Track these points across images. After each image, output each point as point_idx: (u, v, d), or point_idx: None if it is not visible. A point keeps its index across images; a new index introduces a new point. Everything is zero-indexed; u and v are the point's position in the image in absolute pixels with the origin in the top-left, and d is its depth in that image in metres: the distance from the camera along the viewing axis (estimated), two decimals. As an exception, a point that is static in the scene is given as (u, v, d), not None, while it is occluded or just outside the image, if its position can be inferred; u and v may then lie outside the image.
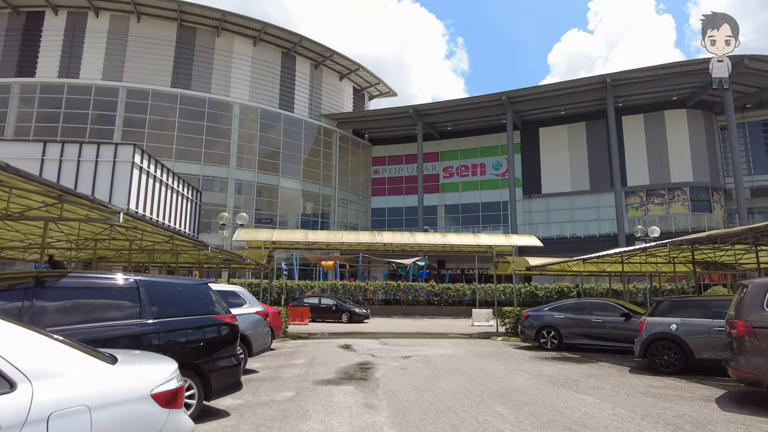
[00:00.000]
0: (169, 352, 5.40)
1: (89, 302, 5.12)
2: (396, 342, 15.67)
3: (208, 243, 9.90)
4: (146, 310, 5.43)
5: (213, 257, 15.05)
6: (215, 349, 6.00)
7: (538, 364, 10.98)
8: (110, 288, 5.38)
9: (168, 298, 5.79)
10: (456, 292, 31.57)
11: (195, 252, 11.67)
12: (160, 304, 5.63)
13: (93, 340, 4.85)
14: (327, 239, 18.14)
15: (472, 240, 18.63)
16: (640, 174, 48.45)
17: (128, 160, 30.61)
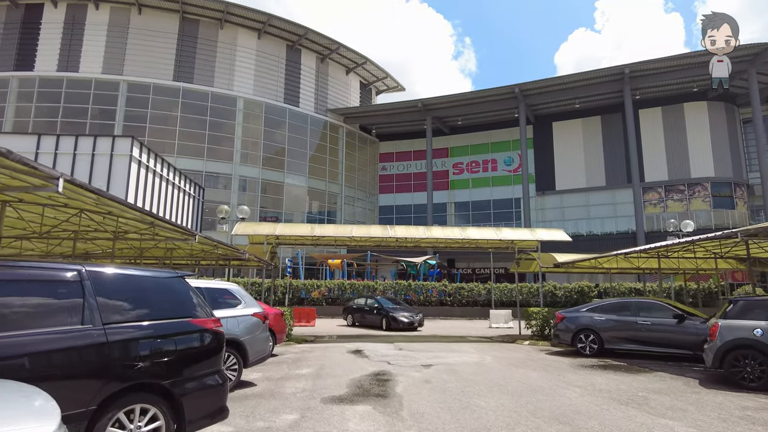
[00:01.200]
0: (125, 369, 3.89)
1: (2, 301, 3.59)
2: (412, 347, 14.10)
3: (194, 231, 8.40)
4: (92, 312, 3.90)
5: (209, 252, 13.55)
6: (192, 365, 4.46)
7: (584, 374, 9.37)
8: (38, 281, 3.84)
9: (127, 297, 4.25)
10: (470, 292, 29.93)
11: (183, 243, 10.20)
12: (115, 305, 4.09)
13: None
14: (335, 233, 16.61)
15: (494, 234, 17.02)
16: (658, 169, 46.57)
17: (126, 154, 29.28)
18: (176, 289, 4.67)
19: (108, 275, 4.26)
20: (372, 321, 20.65)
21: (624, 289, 30.92)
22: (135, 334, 4.07)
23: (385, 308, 20.58)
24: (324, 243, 18.63)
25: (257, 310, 8.28)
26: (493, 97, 47.55)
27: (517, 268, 19.20)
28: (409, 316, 20.21)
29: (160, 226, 7.88)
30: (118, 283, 4.31)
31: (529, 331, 16.73)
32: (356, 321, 21.73)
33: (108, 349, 3.85)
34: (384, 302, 21.61)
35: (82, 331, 3.79)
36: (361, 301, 22.46)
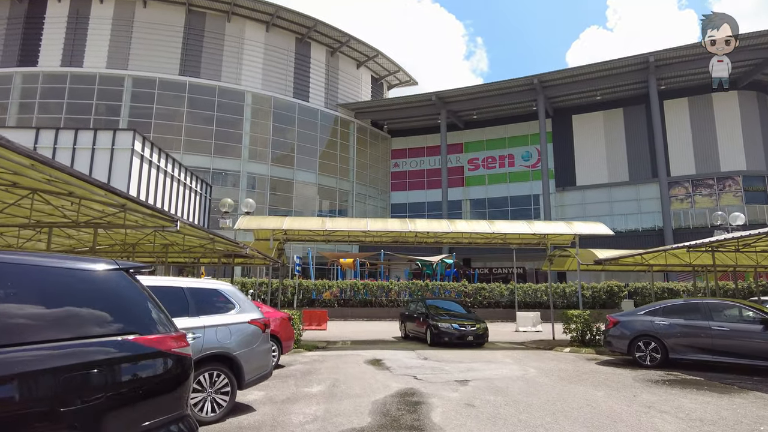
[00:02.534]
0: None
1: None
2: (438, 355, 12.34)
3: (176, 216, 6.76)
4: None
5: (207, 247, 11.92)
6: (132, 412, 2.77)
7: (661, 393, 7.55)
8: None
9: (16, 300, 2.57)
10: (491, 292, 28.06)
11: (175, 235, 8.64)
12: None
13: None
14: (348, 227, 14.91)
15: (526, 228, 15.20)
16: (685, 163, 44.30)
17: (127, 148, 27.84)
18: (112, 290, 2.98)
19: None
20: (418, 332, 15.88)
21: (656, 288, 28.87)
22: (25, 367, 2.38)
23: (430, 314, 15.27)
24: (336, 239, 16.96)
25: (255, 316, 6.59)
26: (511, 89, 45.58)
27: (550, 266, 17.34)
28: (462, 325, 14.54)
29: (133, 210, 6.26)
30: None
31: (567, 336, 14.88)
32: (408, 332, 16.82)
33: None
34: (439, 305, 16.82)
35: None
36: (412, 306, 17.53)
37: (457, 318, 15.15)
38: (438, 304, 16.78)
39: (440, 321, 14.67)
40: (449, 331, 14.35)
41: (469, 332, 14.49)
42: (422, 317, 15.47)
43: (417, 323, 15.81)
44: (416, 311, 16.36)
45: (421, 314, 15.67)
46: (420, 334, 15.49)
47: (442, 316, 15.18)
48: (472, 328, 14.56)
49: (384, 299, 27.49)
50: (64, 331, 2.59)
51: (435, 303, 16.87)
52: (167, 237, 10.69)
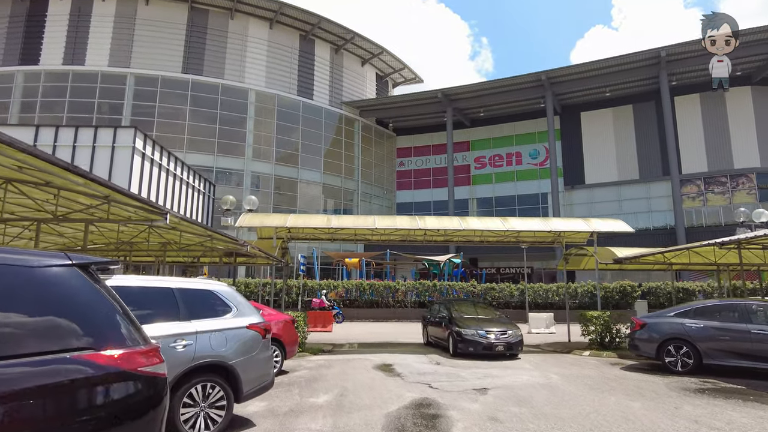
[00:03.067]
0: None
1: None
2: (451, 360, 11.62)
3: (165, 209, 6.09)
4: None
5: (204, 245, 11.25)
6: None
7: (705, 405, 6.81)
8: None
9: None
10: (501, 292, 27.31)
11: (171, 232, 7.99)
12: None
13: None
14: (355, 224, 14.21)
15: (542, 225, 14.47)
16: (696, 160, 43.36)
17: (128, 145, 27.27)
18: (60, 292, 2.30)
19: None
20: (440, 338, 13.79)
21: (670, 288, 28.01)
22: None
23: (453, 318, 13.05)
24: (342, 237, 16.29)
25: (255, 321, 5.90)
26: (519, 86, 44.78)
27: (566, 265, 16.58)
28: (490, 332, 12.17)
29: (119, 202, 5.60)
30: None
31: (584, 339, 14.13)
32: (431, 338, 14.80)
33: None
34: (465, 307, 14.53)
35: None
36: (434, 308, 15.36)
37: (485, 323, 12.82)
38: (463, 307, 14.57)
39: (464, 327, 12.39)
40: (475, 339, 12.04)
41: (500, 341, 12.11)
42: (444, 322, 13.31)
43: (439, 328, 13.67)
44: (438, 314, 14.24)
45: (443, 318, 13.54)
46: (442, 341, 13.48)
47: (467, 320, 12.91)
48: (502, 336, 12.19)
49: (391, 300, 26.81)
50: None
51: (460, 305, 14.82)
52: (164, 235, 10.04)
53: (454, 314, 13.40)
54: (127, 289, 4.90)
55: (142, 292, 5.02)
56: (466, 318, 13.17)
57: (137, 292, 4.98)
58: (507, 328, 12.57)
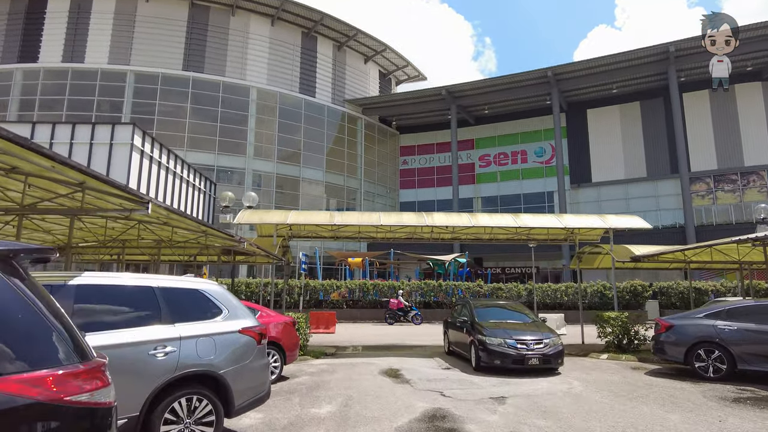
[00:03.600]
0: None
1: None
2: (465, 366, 10.93)
3: (146, 197, 5.41)
4: None
5: (197, 241, 10.58)
6: None
7: (754, 418, 6.10)
8: None
9: None
10: (508, 292, 26.58)
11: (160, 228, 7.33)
12: None
13: None
14: (359, 221, 13.52)
15: (555, 222, 13.76)
16: (706, 158, 42.53)
17: (126, 142, 26.67)
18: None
19: None
20: (461, 347, 11.38)
21: (682, 288, 27.29)
22: None
23: (476, 323, 10.60)
24: (345, 235, 15.61)
25: (248, 324, 5.23)
26: (524, 82, 44.03)
27: (579, 263, 15.86)
28: (522, 341, 9.76)
29: (94, 188, 4.92)
30: None
31: (600, 341, 13.42)
32: (452, 345, 12.37)
33: None
34: (491, 309, 11.90)
35: None
36: (457, 310, 12.86)
37: (516, 328, 10.31)
38: (490, 308, 11.82)
39: (489, 334, 9.87)
40: (502, 351, 9.54)
41: (534, 352, 9.55)
42: (466, 327, 10.85)
43: (461, 334, 11.24)
44: (461, 317, 11.65)
45: (465, 323, 11.08)
46: (464, 350, 11.02)
47: (493, 325, 10.32)
48: (537, 345, 9.65)
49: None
50: None
51: (486, 306, 12.04)
52: (156, 231, 9.38)
53: (478, 317, 10.75)
54: (98, 288, 4.24)
55: (115, 292, 4.36)
56: (492, 322, 10.55)
57: (110, 291, 4.32)
58: (543, 334, 10.04)
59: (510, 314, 11.59)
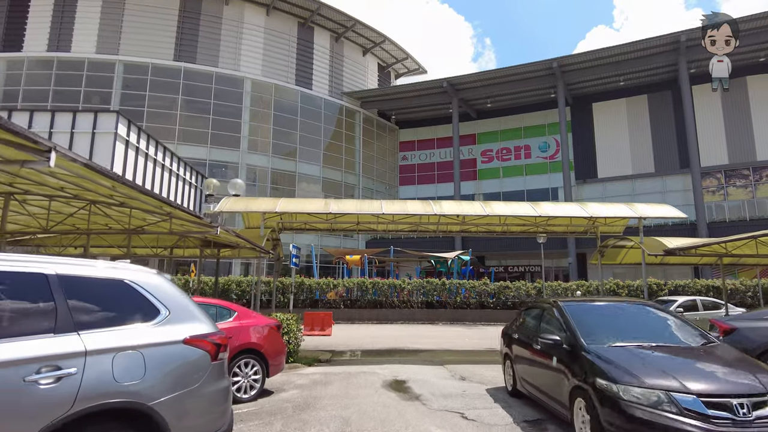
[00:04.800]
0: None
1: None
2: (482, 374, 9.36)
3: (46, 142, 3.80)
4: None
5: (153, 224, 8.92)
6: None
7: None
8: None
9: None
10: (517, 291, 25.03)
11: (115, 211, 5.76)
12: None
13: None
14: (358, 209, 11.95)
15: (579, 210, 12.21)
16: (716, 152, 41.09)
17: (110, 131, 25.03)
18: None
19: None
20: (544, 387, 5.86)
21: (699, 286, 25.77)
22: None
23: (581, 344, 5.09)
24: (342, 227, 14.04)
25: (200, 331, 3.63)
26: (529, 74, 42.52)
27: (601, 259, 14.31)
28: (713, 398, 4.02)
29: None
30: None
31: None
32: (522, 382, 6.71)
33: None
34: (604, 315, 6.07)
35: None
36: (531, 315, 7.10)
37: (681, 361, 4.76)
38: (599, 312, 6.14)
39: (623, 376, 4.36)
40: (665, 418, 3.99)
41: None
42: (559, 353, 5.41)
43: (544, 366, 5.80)
44: (544, 332, 6.08)
45: (557, 344, 5.49)
46: (553, 400, 5.51)
47: (624, 355, 4.78)
48: (761, 411, 4.04)
49: (396, 300, 24.55)
50: None
51: (590, 309, 6.22)
52: (113, 215, 7.78)
53: (584, 334, 5.30)
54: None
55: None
56: (619, 348, 5.01)
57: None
58: (755, 377, 4.36)
59: (643, 323, 5.84)
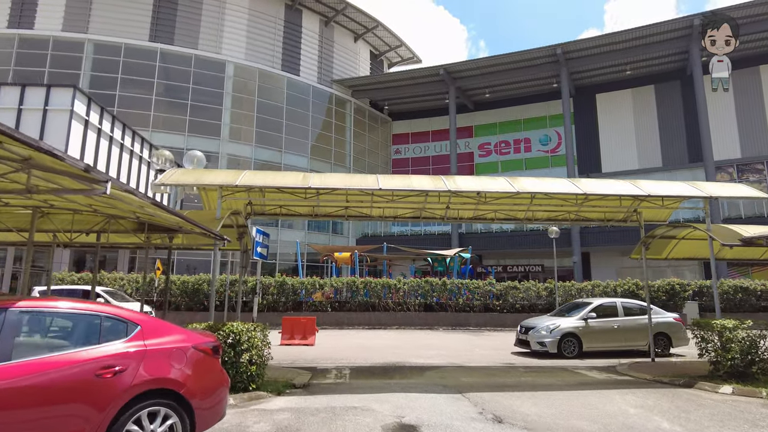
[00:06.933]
0: None
1: None
2: (521, 410, 6.53)
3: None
4: None
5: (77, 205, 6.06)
6: None
7: None
8: None
9: None
10: (525, 292, 22.27)
11: None
12: None
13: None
14: (347, 184, 9.02)
15: (630, 188, 9.47)
16: (728, 145, 38.78)
17: (65, 109, 21.87)
18: None
19: None
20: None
21: (726, 287, 23.27)
22: None
23: None
24: (328, 212, 11.17)
25: None
26: (531, 61, 39.91)
27: (645, 253, 11.59)
28: None
29: None
30: None
31: (702, 358, 9.17)
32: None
33: None
34: None
35: None
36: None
37: None
38: None
39: None
40: None
41: None
42: None
43: None
44: None
45: None
46: None
47: None
48: None
49: (390, 302, 21.70)
50: None
51: None
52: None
53: None
54: None
55: None
56: None
57: None
58: None
59: None
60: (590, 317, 12.31)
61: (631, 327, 12.44)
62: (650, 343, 11.56)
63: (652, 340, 11.62)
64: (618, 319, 12.52)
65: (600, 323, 12.34)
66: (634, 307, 13.00)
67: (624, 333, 12.39)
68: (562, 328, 12.16)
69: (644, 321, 12.06)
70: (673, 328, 12.92)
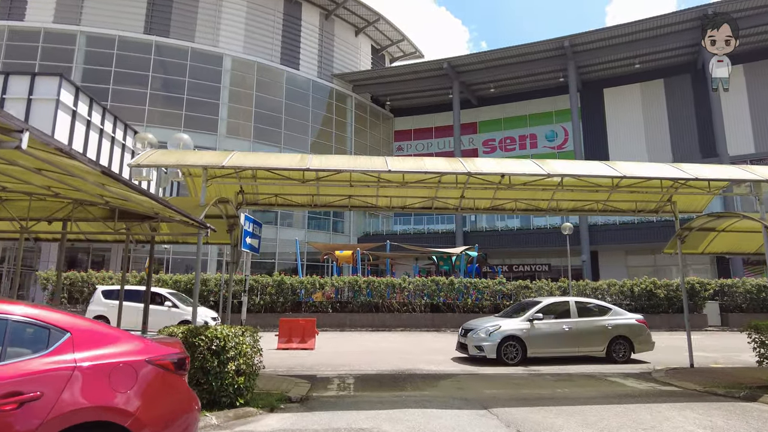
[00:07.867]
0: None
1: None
2: (552, 422, 5.35)
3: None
4: None
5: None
6: None
7: None
8: None
9: None
10: (538, 292, 21.06)
11: None
12: None
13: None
14: (351, 166, 7.85)
15: (669, 170, 8.31)
16: (741, 141, 37.55)
17: (51, 98, 20.74)
18: None
19: None
20: None
21: (749, 286, 22.08)
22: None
23: None
24: (329, 202, 9.98)
25: None
26: (537, 54, 38.68)
27: (680, 247, 10.41)
28: None
29: None
30: None
31: (759, 365, 8.00)
32: None
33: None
34: None
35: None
36: None
37: None
38: None
39: None
40: None
41: None
42: None
43: None
44: None
45: None
46: None
47: None
48: None
49: (394, 302, 20.50)
50: None
51: None
52: None
53: None
54: None
55: None
56: None
57: None
58: None
59: None
60: (536, 318, 10.75)
61: (586, 330, 10.91)
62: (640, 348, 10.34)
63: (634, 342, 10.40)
64: (570, 320, 10.98)
65: (548, 325, 10.80)
66: (591, 307, 11.53)
67: (577, 337, 10.85)
68: (503, 330, 10.60)
69: (602, 323, 10.82)
70: (636, 330, 11.28)
